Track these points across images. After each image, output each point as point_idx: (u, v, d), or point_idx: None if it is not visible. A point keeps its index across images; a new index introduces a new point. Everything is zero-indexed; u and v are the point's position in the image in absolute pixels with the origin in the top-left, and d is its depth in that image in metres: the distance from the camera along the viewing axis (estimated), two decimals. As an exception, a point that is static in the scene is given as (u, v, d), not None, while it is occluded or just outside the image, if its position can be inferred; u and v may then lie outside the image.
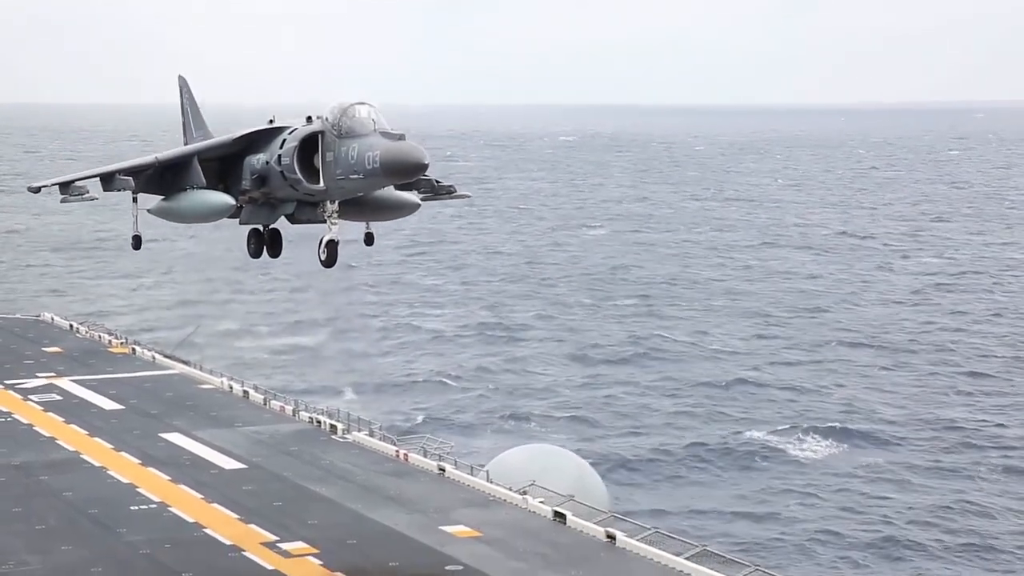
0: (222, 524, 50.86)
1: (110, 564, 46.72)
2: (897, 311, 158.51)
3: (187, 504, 53.75)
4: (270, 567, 46.03)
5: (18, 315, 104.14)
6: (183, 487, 56.21)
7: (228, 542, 48.58)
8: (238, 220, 45.56)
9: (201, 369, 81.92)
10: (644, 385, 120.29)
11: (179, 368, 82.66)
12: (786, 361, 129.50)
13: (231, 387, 76.34)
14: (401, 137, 40.11)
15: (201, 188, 43.61)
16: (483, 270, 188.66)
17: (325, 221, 42.41)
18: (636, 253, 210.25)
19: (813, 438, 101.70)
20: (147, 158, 44.68)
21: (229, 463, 60.43)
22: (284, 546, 48.15)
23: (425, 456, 60.67)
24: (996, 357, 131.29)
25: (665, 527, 54.03)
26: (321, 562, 46.44)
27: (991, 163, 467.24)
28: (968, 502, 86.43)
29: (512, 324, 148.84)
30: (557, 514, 51.45)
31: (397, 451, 61.77)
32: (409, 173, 40.38)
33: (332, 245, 42.28)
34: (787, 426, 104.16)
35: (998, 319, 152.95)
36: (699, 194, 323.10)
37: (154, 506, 53.57)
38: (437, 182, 46.49)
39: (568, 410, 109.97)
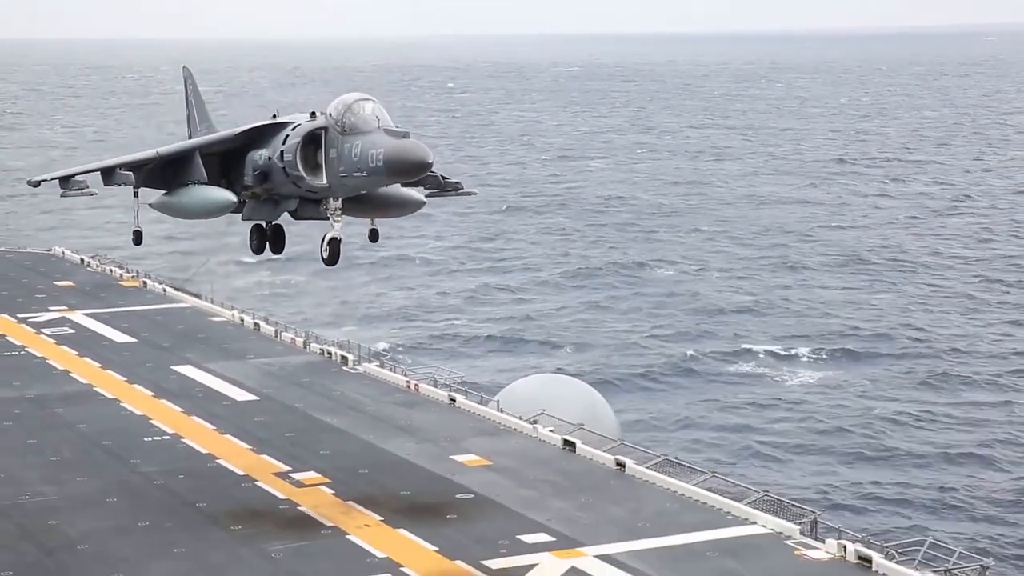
0: (235, 455, 51.33)
1: (124, 494, 47.22)
2: (887, 233, 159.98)
3: (200, 435, 54.22)
4: (283, 496, 46.50)
5: (28, 249, 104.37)
6: (196, 419, 56.67)
7: (241, 472, 49.05)
8: (240, 215, 45.19)
9: (212, 302, 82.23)
10: (646, 311, 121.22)
11: (190, 301, 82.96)
12: (782, 284, 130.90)
13: (242, 320, 76.64)
14: (405, 135, 39.82)
15: (203, 184, 43.24)
16: (481, 201, 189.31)
17: (328, 218, 42.17)
18: (634, 183, 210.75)
19: (813, 356, 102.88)
20: (148, 152, 44.35)
21: (241, 395, 60.86)
22: (296, 476, 48.62)
23: (435, 386, 61.06)
24: (979, 279, 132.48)
25: (674, 454, 54.55)
26: (333, 491, 46.89)
27: (997, 87, 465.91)
28: (938, 412, 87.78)
29: (511, 255, 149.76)
30: (567, 442, 51.84)
31: (408, 382, 62.13)
32: (412, 172, 40.21)
33: (334, 243, 42.10)
34: (787, 344, 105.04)
35: (986, 244, 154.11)
36: (702, 122, 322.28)
37: (167, 437, 54.06)
38: (443, 178, 46.12)
39: (573, 337, 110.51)
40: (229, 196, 43.08)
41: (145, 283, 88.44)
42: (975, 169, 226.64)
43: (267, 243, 46.41)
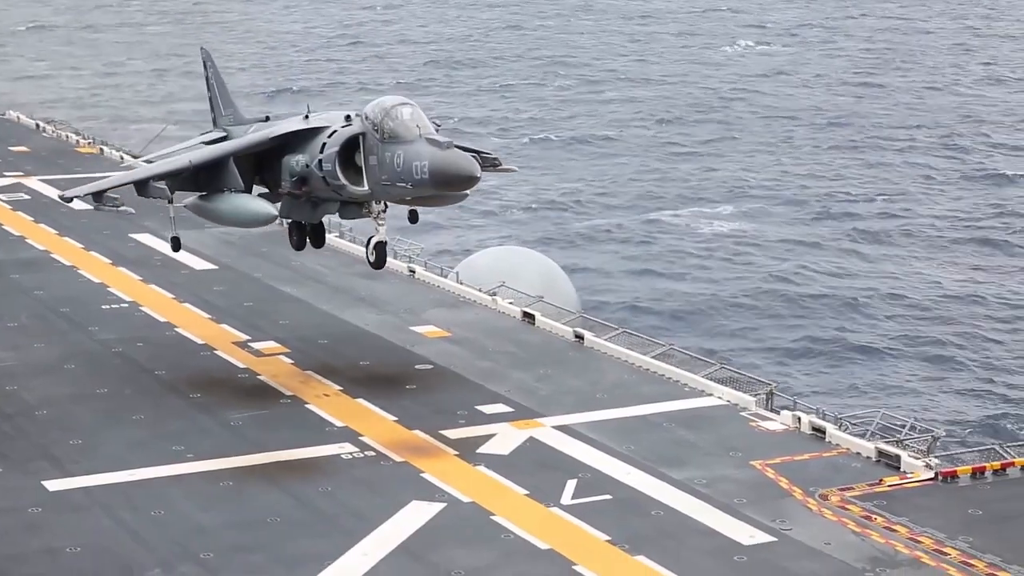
0: (193, 324, 51.26)
1: (83, 361, 47.19)
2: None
3: (158, 304, 54.09)
4: (242, 365, 46.58)
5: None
6: (154, 287, 56.50)
7: (200, 341, 49.04)
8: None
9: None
10: (606, 179, 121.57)
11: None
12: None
13: (200, 188, 75.94)
14: (449, 145, 38.80)
15: (240, 192, 42.33)
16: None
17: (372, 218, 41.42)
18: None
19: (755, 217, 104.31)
20: (181, 162, 43.37)
21: (200, 263, 60.61)
22: (255, 345, 48.66)
23: (395, 258, 60.95)
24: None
25: (633, 327, 54.94)
26: (292, 361, 46.99)
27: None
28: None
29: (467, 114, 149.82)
30: (526, 314, 52.04)
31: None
32: (459, 186, 39.48)
33: (381, 247, 41.33)
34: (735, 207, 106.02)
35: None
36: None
37: (125, 305, 53.90)
38: (483, 155, 45.15)
39: (529, 210, 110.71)
40: (270, 210, 42.05)
41: (102, 150, 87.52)
42: None
43: (307, 239, 45.33)
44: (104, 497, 35.98)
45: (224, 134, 49.48)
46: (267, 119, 48.55)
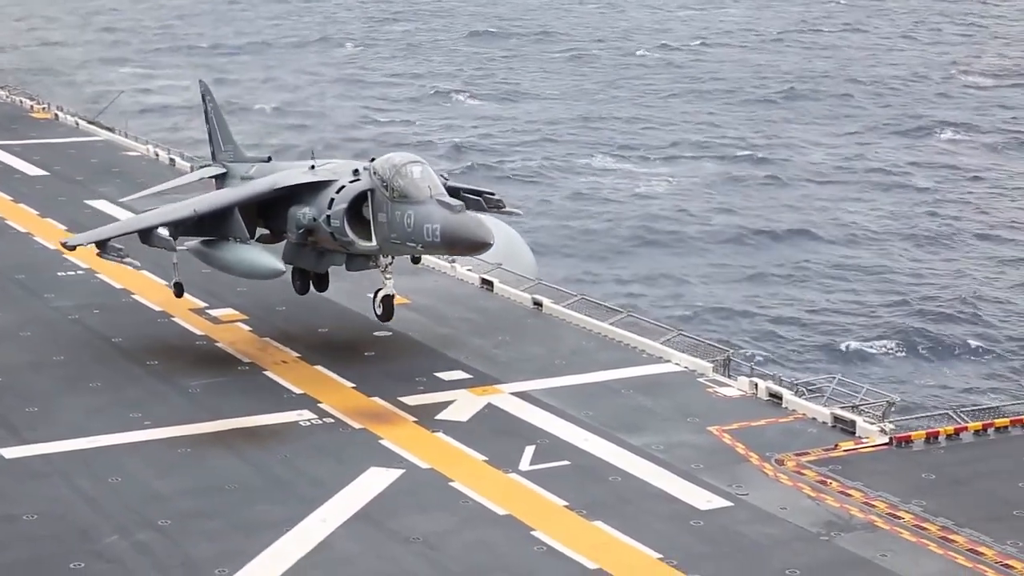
0: (150, 290, 50.94)
1: (39, 328, 46.94)
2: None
3: (114, 271, 53.49)
4: (199, 332, 46.42)
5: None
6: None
7: (157, 308, 48.80)
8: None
9: (126, 136, 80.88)
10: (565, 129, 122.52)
11: (103, 135, 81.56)
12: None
13: (157, 154, 75.54)
14: (461, 209, 38.55)
15: (246, 243, 41.87)
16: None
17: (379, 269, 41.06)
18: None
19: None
20: (185, 211, 42.82)
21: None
22: (213, 312, 48.48)
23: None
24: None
25: (592, 294, 55.04)
26: (250, 328, 46.87)
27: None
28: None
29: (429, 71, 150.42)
30: (484, 281, 52.05)
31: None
32: (471, 251, 39.57)
33: (388, 300, 41.02)
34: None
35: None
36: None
37: (81, 272, 53.53)
38: (486, 197, 45.39)
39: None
40: (277, 266, 41.58)
41: (57, 115, 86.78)
42: None
43: (310, 284, 44.70)
44: (62, 464, 35.87)
45: (224, 170, 49.39)
46: (269, 159, 48.54)
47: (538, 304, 49.61)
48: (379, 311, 41.34)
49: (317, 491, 34.14)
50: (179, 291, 44.20)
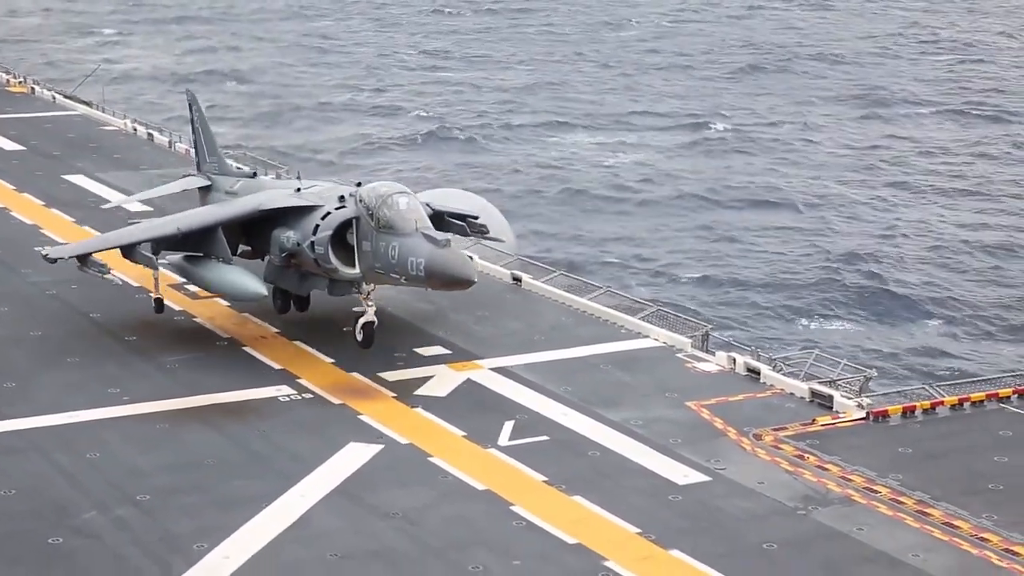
0: (128, 266, 50.43)
1: (17, 303, 46.84)
2: None
3: (92, 246, 53.47)
4: (178, 308, 46.28)
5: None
6: (88, 228, 55.83)
7: (135, 284, 48.60)
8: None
9: (103, 110, 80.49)
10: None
11: (81, 109, 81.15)
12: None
13: (135, 129, 75.22)
14: (446, 243, 38.18)
15: (228, 263, 41.57)
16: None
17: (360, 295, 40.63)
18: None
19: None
20: (168, 228, 42.54)
21: (135, 205, 59.83)
22: (192, 287, 48.18)
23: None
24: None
25: (573, 272, 55.15)
26: (228, 304, 46.72)
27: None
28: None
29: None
30: (463, 257, 51.89)
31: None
32: (454, 287, 39.07)
33: (369, 327, 40.52)
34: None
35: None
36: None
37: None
38: (469, 221, 45.27)
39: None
40: (259, 289, 41.08)
41: (33, 89, 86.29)
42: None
43: (291, 303, 44.09)
44: (39, 440, 35.81)
45: (209, 182, 49.13)
46: (254, 175, 48.32)
47: (517, 280, 49.62)
48: (359, 337, 40.96)
49: (296, 466, 34.15)
50: (159, 307, 43.84)
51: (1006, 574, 29.20)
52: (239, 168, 52.45)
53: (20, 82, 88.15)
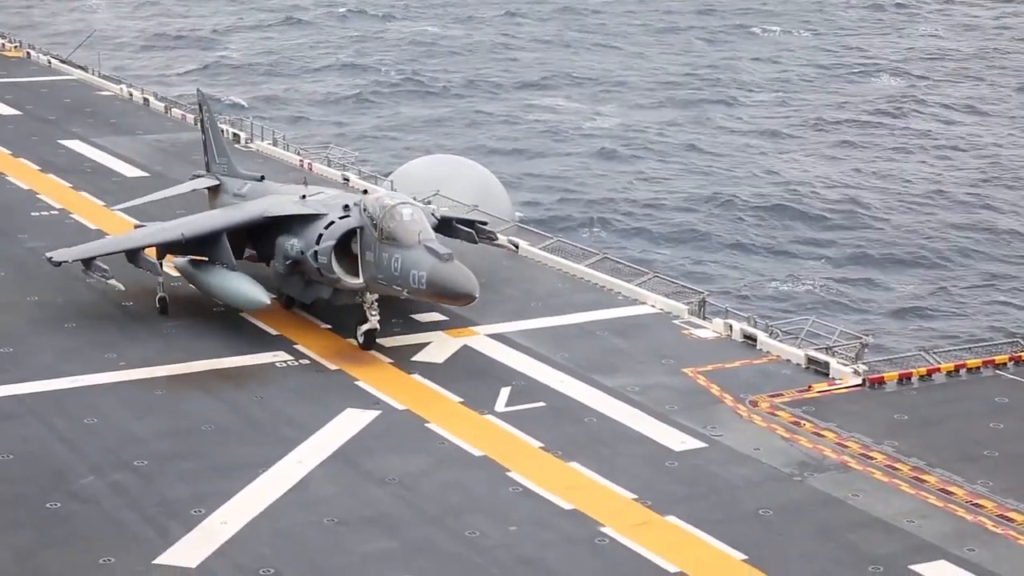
0: (125, 231, 50.64)
1: (13, 269, 46.82)
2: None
3: (88, 211, 53.50)
4: (175, 273, 46.16)
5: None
6: (84, 194, 55.83)
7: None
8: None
9: (99, 75, 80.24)
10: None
11: (76, 74, 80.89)
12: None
13: (131, 94, 75.01)
14: (449, 257, 37.65)
15: (233, 269, 41.21)
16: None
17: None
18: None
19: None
20: (173, 234, 42.28)
21: (131, 171, 59.96)
22: (189, 253, 48.27)
23: (329, 166, 60.64)
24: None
25: (568, 237, 55.11)
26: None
27: None
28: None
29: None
30: (461, 223, 51.80)
31: (301, 160, 61.56)
32: (455, 302, 38.56)
33: (370, 335, 40.05)
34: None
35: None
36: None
37: (55, 212, 53.31)
38: (477, 226, 45.15)
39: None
40: (262, 298, 40.56)
41: (29, 54, 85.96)
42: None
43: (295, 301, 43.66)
44: (36, 405, 35.85)
45: (217, 183, 48.90)
46: (262, 179, 47.98)
47: (515, 246, 49.59)
48: (360, 341, 40.59)
49: (293, 432, 34.23)
50: (163, 307, 43.62)
51: (1001, 540, 29.35)
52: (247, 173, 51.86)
53: (16, 47, 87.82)
